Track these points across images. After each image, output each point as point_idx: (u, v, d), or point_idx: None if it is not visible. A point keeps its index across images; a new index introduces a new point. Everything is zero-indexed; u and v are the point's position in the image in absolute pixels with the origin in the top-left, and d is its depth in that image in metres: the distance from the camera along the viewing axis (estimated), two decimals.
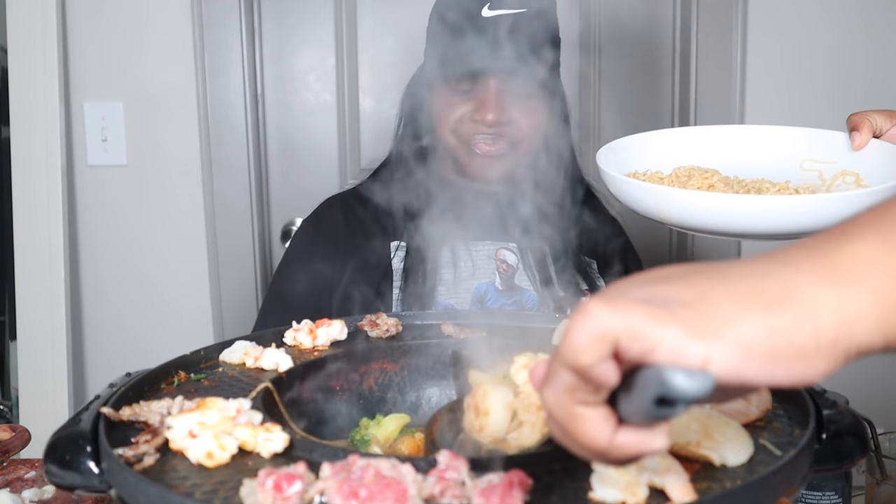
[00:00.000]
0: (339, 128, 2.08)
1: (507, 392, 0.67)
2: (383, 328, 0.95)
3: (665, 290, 0.44)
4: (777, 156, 1.06)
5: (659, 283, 0.45)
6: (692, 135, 1.08)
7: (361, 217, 1.43)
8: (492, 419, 0.66)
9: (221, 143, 2.03)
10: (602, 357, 0.42)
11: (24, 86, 1.93)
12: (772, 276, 0.44)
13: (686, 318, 0.42)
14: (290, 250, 1.48)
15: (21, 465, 1.01)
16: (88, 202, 2.06)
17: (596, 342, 0.42)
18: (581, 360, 0.43)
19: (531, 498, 0.54)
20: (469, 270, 1.35)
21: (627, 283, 0.46)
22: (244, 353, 0.87)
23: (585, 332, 0.43)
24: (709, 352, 0.41)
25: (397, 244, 1.38)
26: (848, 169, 1.02)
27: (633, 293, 0.44)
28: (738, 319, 0.42)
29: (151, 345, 2.07)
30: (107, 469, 0.62)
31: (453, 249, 1.36)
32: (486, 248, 1.37)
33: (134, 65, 2.01)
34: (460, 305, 1.34)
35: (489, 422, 0.66)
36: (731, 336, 0.41)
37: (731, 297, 0.43)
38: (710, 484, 0.56)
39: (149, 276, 2.07)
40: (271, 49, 2.06)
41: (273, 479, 0.53)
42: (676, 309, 0.42)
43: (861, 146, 1.00)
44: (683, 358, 0.41)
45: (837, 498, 1.01)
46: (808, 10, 1.99)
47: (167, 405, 0.69)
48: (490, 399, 0.67)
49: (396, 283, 1.35)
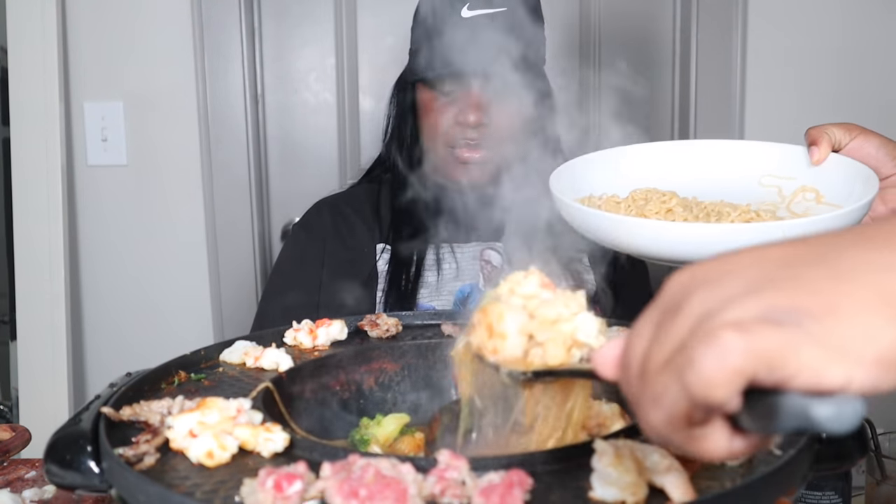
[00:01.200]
0: (339, 128, 2.08)
1: (523, 314, 0.64)
2: (383, 328, 0.95)
3: (786, 298, 0.40)
4: (736, 171, 1.04)
5: (772, 287, 0.41)
6: (652, 151, 1.05)
7: (349, 220, 1.44)
8: (508, 343, 0.64)
9: (221, 143, 2.03)
10: (737, 392, 0.39)
11: (24, 86, 1.93)
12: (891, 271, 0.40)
13: (821, 338, 0.39)
14: (281, 256, 1.49)
15: (21, 465, 1.01)
16: (88, 202, 2.06)
17: (732, 378, 0.39)
18: (714, 397, 0.39)
19: (531, 498, 0.54)
20: (453, 272, 1.35)
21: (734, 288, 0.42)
22: (244, 352, 0.87)
23: (721, 366, 0.38)
24: (849, 373, 0.38)
25: (383, 247, 1.39)
26: (808, 185, 1.01)
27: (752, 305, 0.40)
28: (874, 333, 0.39)
29: (151, 345, 2.08)
30: (107, 469, 0.62)
31: (438, 251, 1.36)
32: (472, 249, 1.37)
33: (134, 65, 2.01)
34: (442, 307, 1.33)
35: (505, 345, 0.64)
36: (869, 353, 0.38)
37: (862, 304, 0.39)
38: (710, 483, 0.56)
39: (149, 275, 2.07)
40: (271, 49, 2.06)
41: (273, 478, 0.53)
42: (809, 325, 0.39)
43: (820, 161, 0.98)
44: (823, 382, 0.38)
45: (837, 498, 1.01)
46: (807, 10, 2.00)
47: (167, 405, 0.69)
48: (506, 322, 0.64)
49: (381, 285, 1.35)
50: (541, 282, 0.66)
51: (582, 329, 0.62)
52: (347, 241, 1.41)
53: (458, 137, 1.30)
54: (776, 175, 1.04)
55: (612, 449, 0.56)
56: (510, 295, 0.66)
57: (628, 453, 0.56)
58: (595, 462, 0.55)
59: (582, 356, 0.62)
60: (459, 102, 1.30)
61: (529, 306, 0.64)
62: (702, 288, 0.42)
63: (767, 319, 0.39)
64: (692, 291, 0.43)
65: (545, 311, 0.63)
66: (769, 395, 0.39)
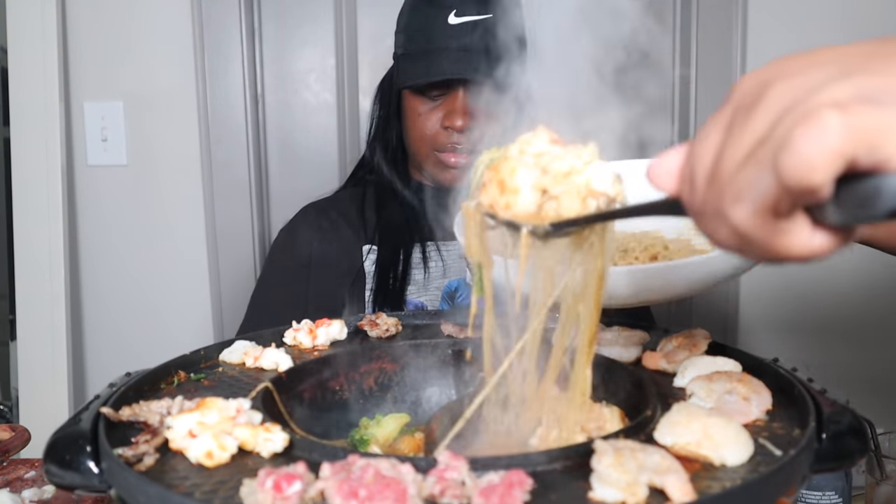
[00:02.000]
0: (339, 128, 2.08)
1: (535, 169, 0.63)
2: (383, 328, 0.95)
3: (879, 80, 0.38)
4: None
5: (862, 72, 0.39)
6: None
7: (335, 222, 1.46)
8: (521, 198, 0.62)
9: (221, 143, 2.03)
10: (835, 175, 0.37)
11: (24, 86, 1.93)
12: None
13: None
14: (268, 261, 1.51)
15: (21, 464, 1.01)
16: (88, 202, 2.05)
17: (833, 159, 0.37)
18: (813, 180, 0.37)
19: (531, 498, 0.54)
20: (439, 270, 1.37)
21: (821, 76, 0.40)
22: (244, 352, 0.87)
23: (821, 147, 0.37)
24: None
25: (369, 247, 1.40)
26: None
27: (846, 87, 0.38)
28: None
29: (151, 345, 2.07)
30: (107, 469, 0.62)
31: (424, 250, 1.38)
32: (458, 246, 1.38)
33: (134, 65, 2.01)
34: (431, 304, 1.35)
35: (518, 200, 0.62)
36: None
37: None
38: (710, 484, 0.56)
39: (149, 275, 2.07)
40: (271, 49, 2.06)
41: (273, 478, 0.53)
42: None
43: None
44: None
45: (837, 498, 1.01)
46: (808, 8, 1.99)
47: (167, 405, 0.69)
48: (518, 176, 0.62)
49: (369, 284, 1.36)
50: (550, 138, 0.64)
51: (596, 178, 0.61)
52: (334, 243, 1.43)
53: (445, 142, 1.32)
54: None
55: (612, 449, 0.56)
56: (521, 155, 0.64)
57: (628, 453, 0.56)
58: (595, 462, 0.55)
59: (598, 205, 0.61)
60: (446, 107, 1.31)
61: (541, 162, 0.63)
62: (783, 80, 0.41)
63: (865, 99, 0.38)
64: (771, 85, 0.41)
65: (557, 165, 0.61)
66: (866, 179, 0.38)
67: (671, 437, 0.62)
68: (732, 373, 0.74)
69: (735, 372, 0.75)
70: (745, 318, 2.05)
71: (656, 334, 0.89)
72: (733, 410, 0.68)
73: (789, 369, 0.75)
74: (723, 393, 0.70)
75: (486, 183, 0.65)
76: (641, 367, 0.84)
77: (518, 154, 0.64)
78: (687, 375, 0.77)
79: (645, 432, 0.65)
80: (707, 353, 0.82)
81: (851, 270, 1.87)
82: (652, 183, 0.47)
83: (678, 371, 0.79)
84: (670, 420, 0.63)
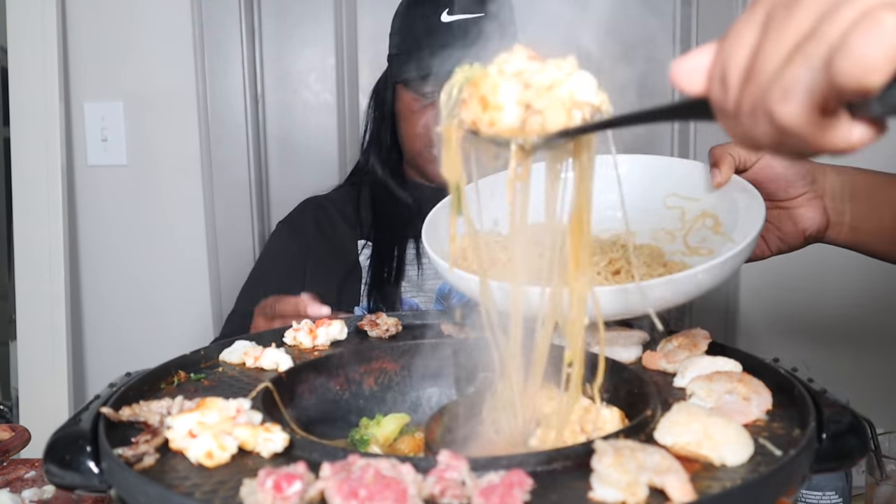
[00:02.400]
0: (339, 128, 2.08)
1: (517, 84, 0.62)
2: (383, 328, 0.95)
3: None
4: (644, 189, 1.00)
5: None
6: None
7: (332, 217, 1.48)
8: (506, 114, 0.61)
9: (221, 143, 2.03)
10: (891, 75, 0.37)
11: (24, 86, 1.93)
12: None
13: None
14: (264, 251, 1.53)
15: (21, 464, 1.01)
16: (88, 202, 2.05)
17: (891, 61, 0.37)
18: (871, 82, 0.37)
19: (531, 498, 0.54)
20: (433, 270, 1.38)
21: None
22: (244, 352, 0.87)
23: (881, 50, 0.37)
24: None
25: (364, 242, 1.42)
26: (708, 210, 0.98)
27: None
28: None
29: (151, 345, 2.07)
30: (106, 469, 0.62)
31: (418, 247, 1.40)
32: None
33: (134, 65, 2.01)
34: (425, 304, 1.37)
35: (502, 117, 0.61)
36: None
37: None
38: (710, 484, 0.56)
39: (149, 275, 2.07)
40: (271, 49, 2.06)
41: (273, 478, 0.53)
42: None
43: (721, 184, 0.95)
44: None
45: (837, 498, 1.01)
46: None
47: (167, 405, 0.69)
48: (502, 93, 0.61)
49: (364, 279, 1.38)
50: (527, 55, 0.63)
51: (579, 89, 0.61)
52: (330, 238, 1.45)
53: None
54: (681, 195, 1.00)
55: (612, 449, 0.56)
56: (500, 75, 0.63)
57: (628, 453, 0.56)
58: (595, 462, 0.55)
59: (583, 115, 0.61)
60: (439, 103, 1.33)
61: (522, 78, 0.62)
62: None
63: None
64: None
65: (539, 78, 0.61)
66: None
67: (671, 437, 0.62)
68: (732, 373, 0.74)
69: (735, 372, 0.75)
70: (745, 318, 2.05)
71: (656, 334, 0.89)
72: (733, 410, 0.68)
73: (789, 369, 0.75)
74: (723, 393, 0.70)
75: (466, 100, 0.64)
76: (641, 367, 0.84)
77: (497, 74, 0.63)
78: (687, 375, 0.77)
79: (645, 432, 0.65)
80: (707, 353, 0.82)
81: (851, 270, 1.87)
82: (676, 83, 0.46)
83: (678, 371, 0.79)
84: (670, 420, 0.64)
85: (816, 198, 0.99)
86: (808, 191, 0.98)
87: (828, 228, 1.00)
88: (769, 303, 2.01)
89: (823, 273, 1.94)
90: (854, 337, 1.98)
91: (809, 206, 0.99)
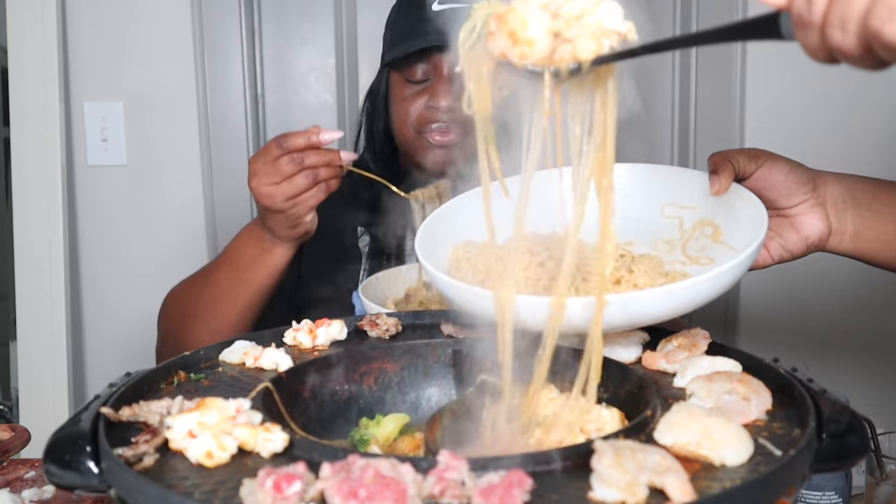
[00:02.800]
0: (339, 128, 2.08)
1: (545, 15, 0.63)
2: (383, 328, 0.95)
3: None
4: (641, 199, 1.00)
5: None
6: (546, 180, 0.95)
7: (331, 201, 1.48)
8: (538, 48, 0.63)
9: (221, 143, 2.03)
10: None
11: (24, 86, 1.93)
12: None
13: None
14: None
15: (21, 465, 1.01)
16: (88, 202, 2.05)
17: None
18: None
19: (531, 498, 0.54)
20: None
21: None
22: (244, 352, 0.87)
23: None
24: None
25: (363, 229, 1.44)
26: (707, 218, 0.97)
27: None
28: None
29: (151, 345, 2.07)
30: (106, 469, 0.62)
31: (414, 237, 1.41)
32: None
33: (134, 65, 2.01)
34: None
35: (534, 51, 0.63)
36: None
37: None
38: (710, 484, 0.56)
39: (149, 275, 2.07)
40: (271, 49, 2.06)
41: (273, 478, 0.53)
42: None
43: (720, 192, 0.95)
44: None
45: (837, 498, 1.01)
46: None
47: (167, 405, 0.69)
48: (531, 27, 0.62)
49: (363, 264, 1.41)
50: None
51: (608, 17, 0.62)
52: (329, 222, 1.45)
53: (430, 119, 1.34)
54: (679, 204, 0.99)
55: (612, 449, 0.56)
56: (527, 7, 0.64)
57: (628, 453, 0.56)
58: (595, 462, 0.55)
59: (610, 44, 0.62)
60: (430, 90, 1.34)
61: (550, 9, 0.63)
62: None
63: None
64: None
65: (568, 8, 0.62)
66: None
67: (671, 437, 0.62)
68: (732, 373, 0.74)
69: (735, 372, 0.75)
70: (745, 318, 2.05)
71: (656, 334, 0.89)
72: (733, 410, 0.68)
73: (789, 369, 0.75)
74: (723, 393, 0.70)
75: (494, 33, 0.65)
76: (641, 367, 0.84)
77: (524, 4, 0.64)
78: (687, 375, 0.77)
79: (645, 432, 0.65)
80: (707, 353, 0.82)
81: (852, 270, 1.87)
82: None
83: (678, 371, 0.79)
84: (670, 420, 0.64)
85: (818, 205, 0.99)
86: (809, 198, 0.98)
87: (830, 236, 1.00)
88: (769, 303, 2.01)
89: (823, 273, 1.94)
90: (854, 337, 1.97)
91: (811, 214, 0.99)
